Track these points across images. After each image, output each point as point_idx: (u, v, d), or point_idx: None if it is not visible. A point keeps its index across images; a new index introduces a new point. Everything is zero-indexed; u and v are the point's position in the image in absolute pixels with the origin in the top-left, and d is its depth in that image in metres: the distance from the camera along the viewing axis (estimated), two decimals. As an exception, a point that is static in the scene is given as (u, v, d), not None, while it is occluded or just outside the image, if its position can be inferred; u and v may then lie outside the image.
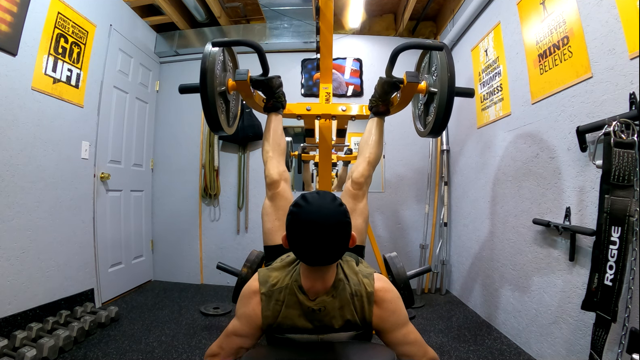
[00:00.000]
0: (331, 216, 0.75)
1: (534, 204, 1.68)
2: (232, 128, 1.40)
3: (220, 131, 1.27)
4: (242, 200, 2.95)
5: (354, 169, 1.29)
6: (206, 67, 1.14)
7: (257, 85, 1.36)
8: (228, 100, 1.34)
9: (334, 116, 1.56)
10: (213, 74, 1.15)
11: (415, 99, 1.54)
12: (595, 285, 1.10)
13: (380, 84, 1.36)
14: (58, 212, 1.96)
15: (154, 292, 2.67)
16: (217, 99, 1.20)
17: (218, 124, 1.22)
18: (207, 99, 1.16)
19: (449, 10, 2.79)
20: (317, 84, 1.83)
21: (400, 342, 0.86)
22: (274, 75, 1.37)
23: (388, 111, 1.43)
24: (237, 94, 1.48)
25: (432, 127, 1.26)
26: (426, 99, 1.35)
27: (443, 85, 1.16)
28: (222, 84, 1.27)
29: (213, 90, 1.16)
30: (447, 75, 1.15)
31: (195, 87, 1.21)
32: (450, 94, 1.16)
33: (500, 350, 1.71)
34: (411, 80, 1.23)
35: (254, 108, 1.48)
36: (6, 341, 1.48)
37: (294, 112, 1.55)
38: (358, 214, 1.20)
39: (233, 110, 1.45)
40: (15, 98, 1.69)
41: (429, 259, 2.82)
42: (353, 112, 1.56)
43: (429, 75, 1.32)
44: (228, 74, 1.35)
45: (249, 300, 0.86)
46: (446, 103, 1.17)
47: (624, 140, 1.07)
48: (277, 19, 2.88)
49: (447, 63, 1.16)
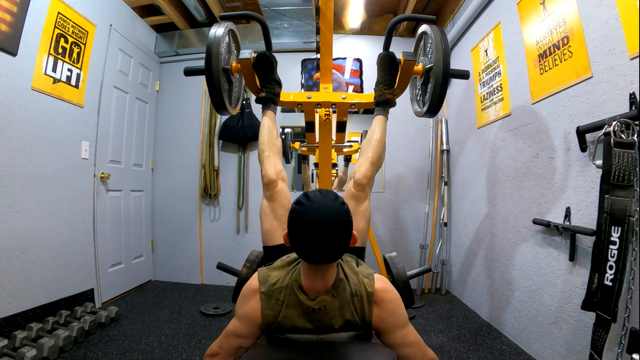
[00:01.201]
0: (333, 215, 0.75)
1: (534, 204, 1.68)
2: (234, 109, 1.48)
3: (224, 111, 1.34)
4: (242, 200, 2.95)
5: (356, 169, 1.26)
6: (212, 47, 1.21)
7: (258, 63, 1.37)
8: (232, 82, 1.42)
9: (334, 104, 1.53)
10: (218, 54, 1.21)
11: (413, 82, 1.59)
12: (595, 285, 1.10)
13: (380, 59, 1.37)
14: (58, 212, 1.96)
15: (154, 292, 2.67)
16: (222, 78, 1.26)
17: (222, 103, 1.29)
18: (212, 77, 1.22)
19: (449, 10, 2.79)
20: (317, 84, 1.83)
21: (399, 343, 0.86)
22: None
23: (393, 101, 1.40)
24: (240, 78, 1.56)
25: (429, 105, 1.33)
26: (423, 79, 1.41)
27: (438, 59, 1.23)
28: (227, 64, 1.33)
29: (218, 69, 1.23)
30: (441, 49, 1.23)
31: (201, 69, 1.27)
32: (445, 66, 1.23)
33: (500, 350, 1.71)
34: (407, 58, 1.29)
35: (253, 92, 1.50)
36: (6, 341, 1.48)
37: (294, 100, 1.53)
38: (360, 215, 1.17)
39: (236, 92, 1.53)
40: (15, 98, 1.69)
41: (429, 259, 2.82)
42: (354, 99, 1.56)
43: (425, 57, 1.39)
44: (232, 56, 1.42)
45: (248, 299, 0.86)
46: (442, 77, 1.24)
47: (624, 140, 1.07)
48: (277, 19, 2.88)
49: (441, 39, 1.24)
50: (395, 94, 1.40)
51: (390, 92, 1.38)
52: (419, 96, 1.52)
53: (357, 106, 1.58)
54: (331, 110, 1.54)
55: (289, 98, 1.52)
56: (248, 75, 1.40)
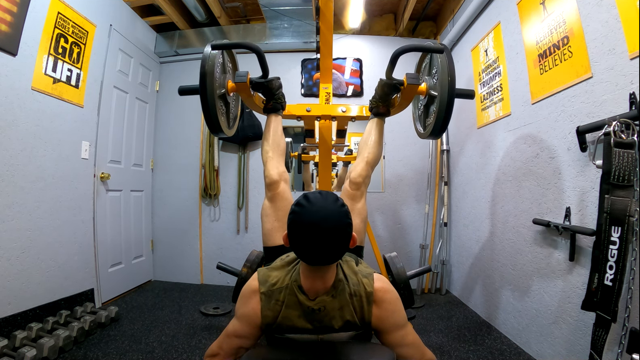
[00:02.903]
0: (333, 217, 0.76)
1: (534, 204, 1.68)
2: (232, 130, 1.40)
3: (220, 133, 1.27)
4: (242, 201, 2.95)
5: (352, 169, 1.29)
6: (205, 69, 1.13)
7: (257, 87, 1.35)
8: (228, 102, 1.34)
9: (333, 117, 1.56)
10: (212, 76, 1.14)
11: (416, 100, 1.53)
12: (595, 285, 1.10)
13: (380, 86, 1.36)
14: (58, 212, 1.96)
15: (154, 292, 2.67)
16: (217, 101, 1.20)
17: (218, 126, 1.22)
18: (207, 101, 1.15)
19: (449, 10, 2.79)
20: (317, 84, 1.83)
21: (398, 343, 0.86)
22: (273, 77, 1.36)
23: (388, 112, 1.43)
24: (237, 95, 1.48)
25: (432, 130, 1.26)
26: (426, 100, 1.35)
27: (443, 88, 1.16)
28: (222, 85, 1.26)
29: (213, 92, 1.15)
30: (447, 79, 1.15)
31: (195, 89, 1.21)
32: (450, 97, 1.15)
33: (500, 350, 1.71)
34: (411, 82, 1.23)
35: (253, 109, 1.48)
36: (6, 341, 1.48)
37: (293, 114, 1.55)
38: (356, 214, 1.20)
39: (233, 112, 1.44)
40: (15, 98, 1.69)
41: (429, 259, 2.82)
42: (353, 113, 1.56)
43: (429, 77, 1.31)
44: (228, 75, 1.34)
45: (248, 299, 0.86)
46: (446, 106, 1.16)
47: (624, 140, 1.07)
48: (277, 19, 2.88)
49: (448, 66, 1.15)
50: (391, 109, 1.43)
51: (385, 105, 1.41)
52: (421, 116, 1.45)
53: (356, 119, 1.58)
54: (331, 120, 1.56)
55: (288, 111, 1.53)
56: (245, 95, 1.33)
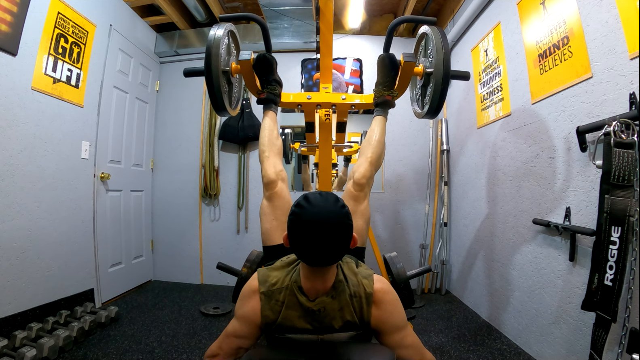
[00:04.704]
0: (333, 218, 0.75)
1: (534, 204, 1.68)
2: (234, 110, 1.48)
3: (224, 112, 1.33)
4: (242, 200, 2.95)
5: (355, 169, 1.27)
6: (211, 48, 1.20)
7: (258, 64, 1.37)
8: (231, 83, 1.41)
9: (334, 105, 1.53)
10: (217, 57, 1.20)
11: (413, 83, 1.59)
12: (595, 285, 1.10)
13: (380, 60, 1.36)
14: (58, 212, 1.96)
15: (154, 292, 2.67)
16: (221, 79, 1.26)
17: (222, 104, 1.28)
18: (212, 79, 1.22)
19: (449, 10, 2.79)
20: (317, 84, 1.83)
21: (397, 345, 0.85)
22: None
23: (393, 102, 1.41)
24: (240, 79, 1.55)
25: (429, 107, 1.32)
26: (423, 81, 1.41)
27: (438, 62, 1.23)
28: (226, 65, 1.33)
29: (218, 71, 1.22)
30: (442, 52, 1.22)
31: (200, 71, 1.26)
32: (445, 70, 1.22)
33: (500, 350, 1.71)
34: (408, 59, 1.28)
35: (253, 93, 1.50)
36: (6, 341, 1.48)
37: (294, 101, 1.53)
38: (359, 215, 1.17)
39: (236, 93, 1.52)
40: (15, 98, 1.69)
41: (429, 259, 2.82)
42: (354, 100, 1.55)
43: (425, 59, 1.38)
44: (232, 57, 1.42)
45: (248, 299, 0.86)
46: (442, 81, 1.23)
47: (624, 140, 1.07)
48: (277, 19, 2.87)
49: (442, 41, 1.23)
50: (395, 95, 1.40)
51: (390, 93, 1.39)
52: (419, 97, 1.52)
53: (357, 107, 1.57)
54: (331, 111, 1.54)
55: (289, 99, 1.52)
56: (248, 76, 1.40)
